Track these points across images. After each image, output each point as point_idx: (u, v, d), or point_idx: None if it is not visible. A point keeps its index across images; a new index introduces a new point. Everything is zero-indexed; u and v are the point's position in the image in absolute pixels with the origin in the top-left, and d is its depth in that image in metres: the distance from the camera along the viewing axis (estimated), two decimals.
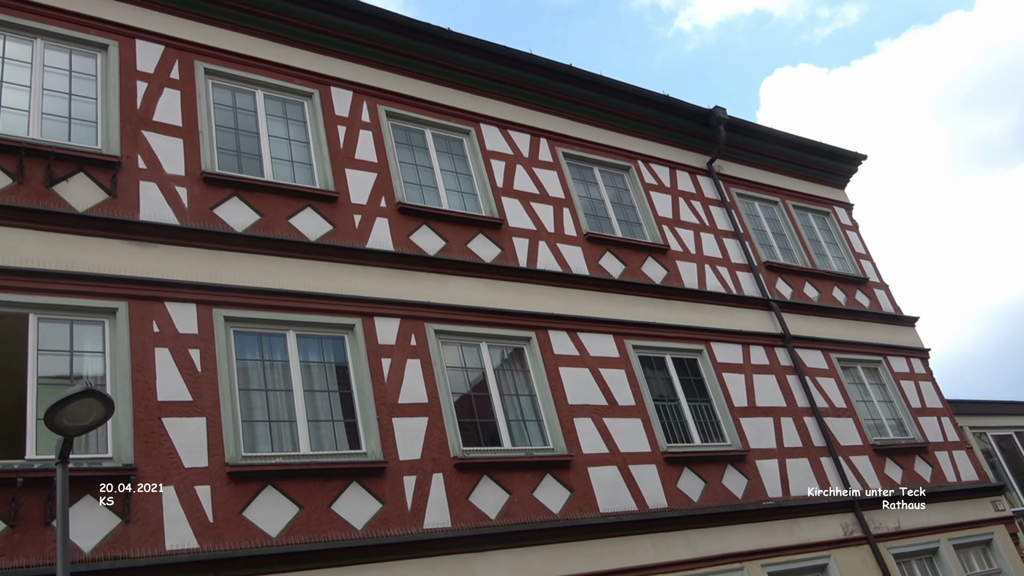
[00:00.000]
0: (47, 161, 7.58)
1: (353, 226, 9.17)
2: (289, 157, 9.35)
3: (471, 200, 10.53)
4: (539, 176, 11.37)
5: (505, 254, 10.21)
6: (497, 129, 11.40)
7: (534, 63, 11.93)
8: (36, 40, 8.36)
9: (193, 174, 8.41)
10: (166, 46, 9.08)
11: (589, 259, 11.01)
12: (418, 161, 10.41)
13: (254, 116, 9.37)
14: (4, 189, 7.31)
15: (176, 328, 7.44)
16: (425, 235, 9.67)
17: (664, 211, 12.59)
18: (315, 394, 7.99)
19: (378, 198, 9.58)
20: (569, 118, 12.39)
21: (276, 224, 8.65)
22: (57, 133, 7.96)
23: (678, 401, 10.59)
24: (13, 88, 8.00)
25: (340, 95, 10.13)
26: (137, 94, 8.56)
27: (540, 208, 11.02)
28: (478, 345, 9.33)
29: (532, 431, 9.14)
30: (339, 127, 9.84)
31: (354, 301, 8.60)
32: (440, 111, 10.96)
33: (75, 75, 8.44)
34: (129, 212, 7.81)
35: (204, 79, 9.15)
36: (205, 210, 8.28)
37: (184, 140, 8.56)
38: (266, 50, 9.82)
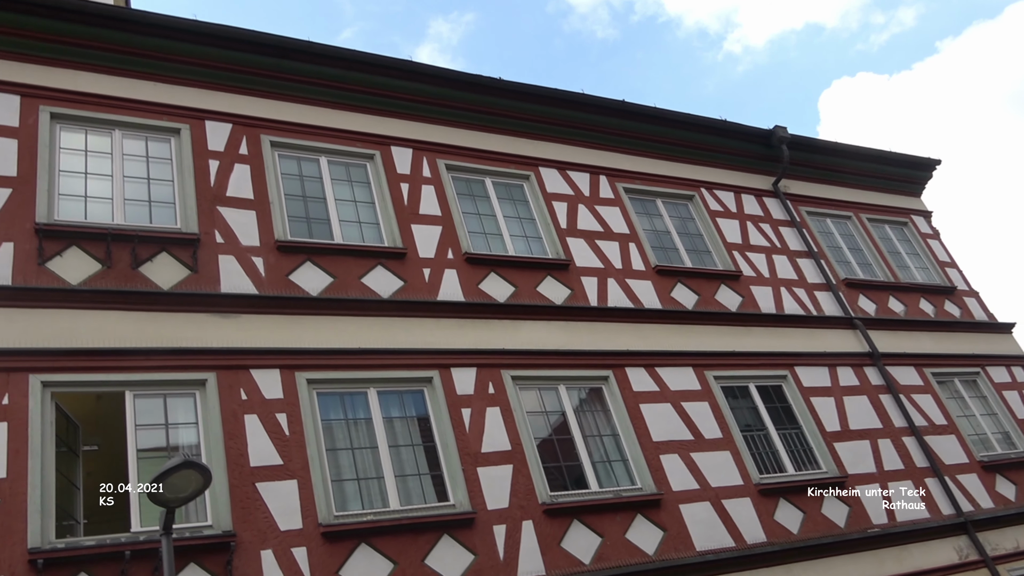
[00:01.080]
0: (132, 244, 7.96)
1: (423, 280, 9.32)
2: (356, 218, 9.59)
3: (536, 244, 10.60)
4: (602, 214, 11.39)
5: (575, 295, 10.21)
6: (556, 171, 11.49)
7: (587, 102, 12.03)
8: (114, 131, 8.84)
9: (267, 243, 8.70)
10: (233, 124, 9.49)
11: (660, 292, 10.92)
12: (481, 210, 10.56)
13: (320, 182, 9.67)
14: (94, 274, 7.70)
15: (263, 394, 7.65)
16: (494, 282, 9.76)
17: (733, 237, 12.42)
18: (400, 449, 8.07)
19: (445, 250, 9.73)
20: (627, 153, 12.41)
21: (349, 285, 8.86)
22: (139, 217, 8.36)
23: (766, 430, 10.32)
24: (96, 178, 8.46)
25: (400, 153, 10.38)
26: (210, 172, 8.94)
27: (606, 245, 11.01)
28: (556, 388, 9.31)
29: (619, 471, 9.02)
30: (402, 184, 10.07)
31: (430, 354, 8.71)
32: (498, 159, 11.12)
33: (152, 160, 8.88)
34: (211, 285, 8.11)
35: (271, 151, 9.51)
36: (281, 277, 8.54)
37: (257, 212, 8.89)
38: (327, 118, 10.17)
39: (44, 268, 7.55)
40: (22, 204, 7.81)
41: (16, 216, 7.72)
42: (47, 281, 7.48)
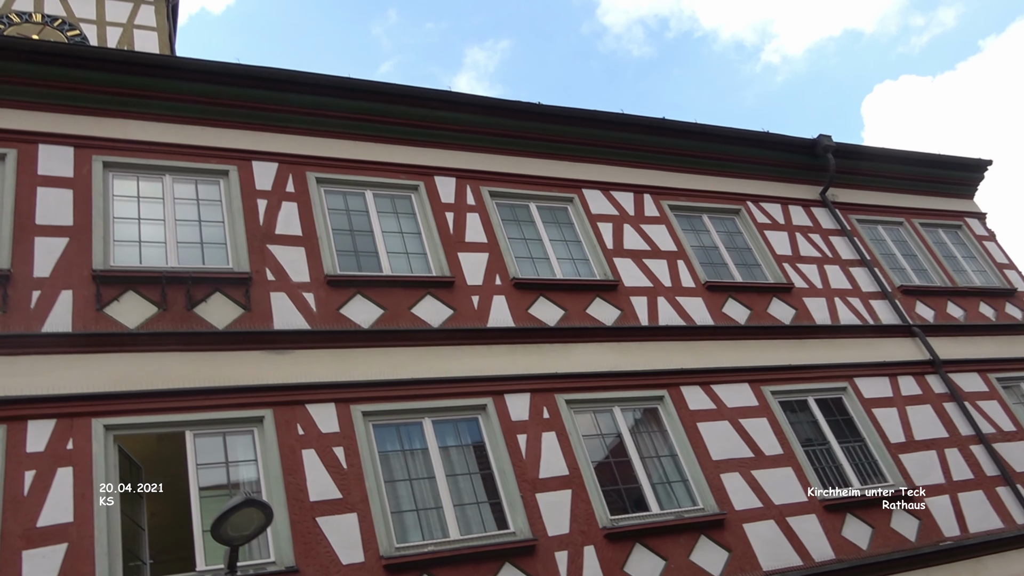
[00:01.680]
0: (186, 286, 8.11)
1: (472, 308, 9.32)
2: (404, 249, 9.66)
3: (584, 266, 10.55)
4: (648, 232, 11.31)
5: (625, 315, 10.12)
6: (599, 192, 11.46)
7: (627, 122, 12.00)
8: (165, 176, 9.05)
9: (317, 279, 8.79)
10: (279, 163, 9.65)
11: (711, 308, 10.77)
12: (526, 235, 10.56)
13: (366, 215, 9.77)
14: (151, 317, 7.85)
15: (319, 428, 7.69)
16: (543, 306, 9.72)
17: (782, 249, 12.23)
18: (457, 478, 8.03)
19: (493, 277, 9.73)
20: (670, 170, 12.33)
21: (399, 316, 8.90)
22: (192, 259, 8.51)
23: (828, 444, 10.07)
24: (149, 223, 8.65)
25: (444, 183, 10.44)
26: (259, 211, 9.09)
27: (654, 264, 10.91)
28: (611, 410, 9.20)
29: (679, 492, 8.86)
30: (447, 213, 10.12)
31: (483, 381, 8.69)
32: (541, 183, 11.13)
33: (202, 202, 9.05)
34: (264, 323, 8.21)
35: (317, 188, 9.64)
36: (332, 311, 8.61)
37: (306, 248, 8.99)
38: (370, 151, 10.29)
39: (103, 313, 7.71)
40: (79, 252, 8.01)
41: (74, 264, 7.91)
42: (106, 326, 7.64)
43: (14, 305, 7.46)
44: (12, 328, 7.32)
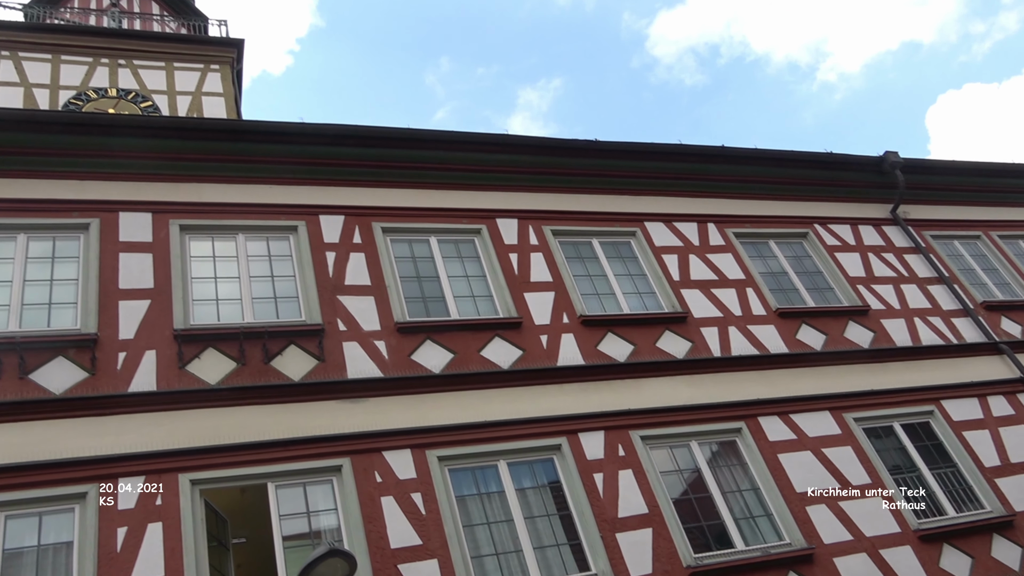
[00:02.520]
0: (262, 340, 8.33)
1: (541, 347, 9.33)
2: (470, 292, 9.75)
3: (650, 299, 10.47)
4: (714, 261, 11.18)
5: (696, 347, 9.99)
6: (662, 224, 11.40)
7: (686, 152, 11.96)
8: (238, 235, 9.36)
9: (388, 327, 8.93)
10: (346, 215, 9.89)
11: (785, 335, 10.54)
12: (591, 271, 10.55)
13: (432, 261, 9.91)
14: (231, 372, 8.08)
15: (396, 475, 7.75)
16: (612, 342, 9.67)
17: (855, 271, 11.94)
18: (535, 520, 7.98)
19: (560, 315, 9.73)
20: (733, 197, 12.21)
21: (469, 359, 8.96)
22: (267, 313, 8.75)
23: (918, 471, 9.68)
24: (225, 281, 8.94)
25: (506, 224, 10.54)
26: (328, 264, 9.31)
27: (722, 293, 10.77)
28: (687, 444, 9.05)
29: (764, 527, 8.62)
30: (511, 255, 10.20)
31: (556, 420, 8.65)
32: (603, 219, 11.14)
33: (274, 258, 9.32)
34: (338, 373, 8.37)
35: (383, 237, 9.84)
36: (404, 358, 8.73)
37: (375, 297, 9.16)
38: (432, 198, 10.47)
39: (185, 371, 7.97)
40: (161, 313, 8.32)
41: (156, 325, 8.22)
42: (188, 383, 7.89)
43: (102, 367, 7.77)
44: (101, 389, 7.62)
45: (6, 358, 7.57)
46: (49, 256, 8.61)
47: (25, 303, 8.14)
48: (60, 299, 8.29)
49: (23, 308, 8.09)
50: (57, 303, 8.26)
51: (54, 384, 7.57)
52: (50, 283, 8.39)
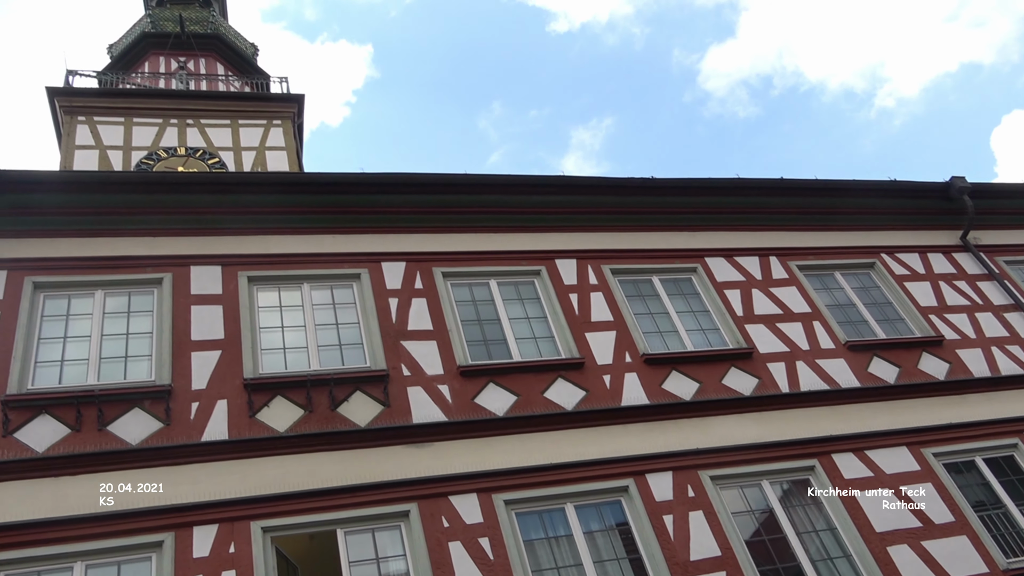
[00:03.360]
0: (329, 387, 8.46)
1: (604, 387, 9.26)
2: (531, 334, 9.76)
3: (714, 335, 10.33)
4: (778, 295, 10.99)
5: (764, 383, 9.79)
6: (723, 259, 11.28)
7: (745, 186, 11.85)
8: (303, 284, 9.57)
9: (450, 370, 8.99)
10: (407, 261, 10.04)
11: (856, 369, 10.27)
12: (652, 309, 10.47)
13: (492, 304, 9.97)
14: (299, 420, 8.21)
15: (463, 520, 7.73)
16: (677, 381, 9.55)
17: (926, 300, 11.60)
18: (605, 564, 7.85)
19: (622, 354, 9.67)
20: (795, 230, 12.02)
21: (533, 401, 8.94)
22: (332, 360, 8.90)
23: (1004, 507, 9.26)
24: (292, 330, 9.13)
25: (565, 265, 10.57)
26: (391, 310, 9.45)
27: (788, 328, 10.56)
28: (759, 483, 8.83)
29: (843, 569, 8.31)
30: (571, 295, 10.20)
31: (622, 462, 8.55)
32: (662, 256, 11.08)
33: (338, 306, 9.50)
34: (403, 418, 8.43)
35: (443, 281, 9.95)
36: (467, 401, 8.76)
37: (437, 341, 9.24)
38: (491, 242, 10.57)
39: (255, 419, 8.14)
40: (231, 363, 8.52)
41: (227, 375, 8.42)
42: (259, 431, 8.05)
43: (176, 417, 7.99)
44: (175, 439, 7.82)
45: (85, 411, 7.84)
46: (125, 311, 8.92)
47: (103, 357, 8.44)
48: (136, 352, 8.57)
49: (101, 362, 8.38)
50: (133, 356, 8.54)
51: (131, 435, 7.80)
52: (126, 336, 8.69)
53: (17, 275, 8.78)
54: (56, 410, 7.80)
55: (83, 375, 8.22)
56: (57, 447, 7.57)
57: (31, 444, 7.55)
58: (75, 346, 8.50)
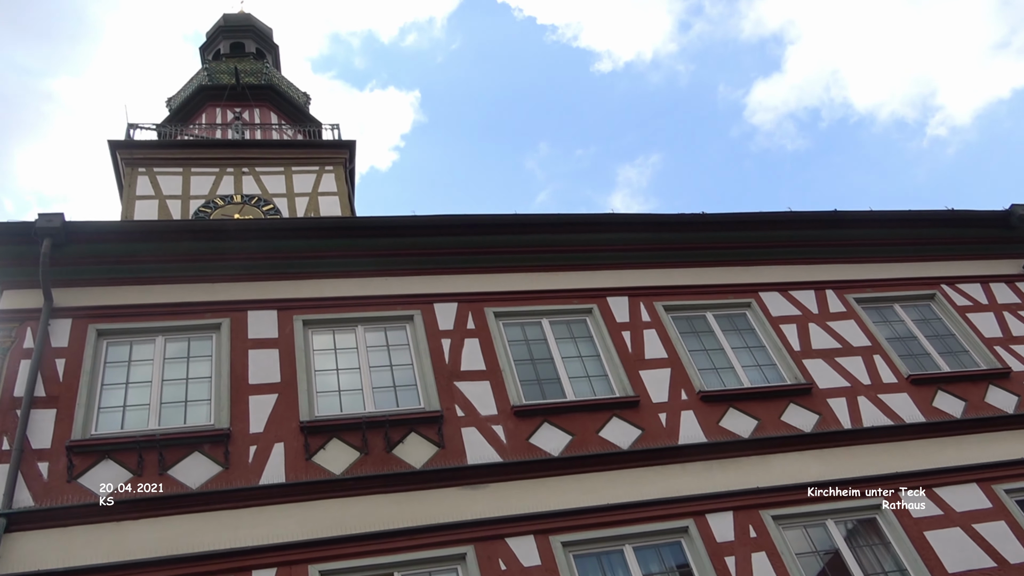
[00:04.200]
0: (384, 429, 8.49)
1: (661, 426, 9.13)
2: (585, 373, 9.69)
3: (772, 371, 10.14)
4: (836, 329, 10.76)
5: (824, 419, 9.55)
6: (778, 293, 11.11)
7: (797, 219, 11.69)
8: (357, 327, 9.67)
9: (504, 411, 8.96)
10: (459, 302, 10.09)
11: (920, 403, 9.97)
12: (707, 345, 10.33)
13: (545, 343, 9.94)
14: (355, 462, 8.24)
15: (521, 563, 7.64)
16: (734, 418, 9.37)
17: (990, 331, 11.24)
18: None
19: (678, 392, 9.54)
20: (850, 262, 11.81)
21: (588, 440, 8.85)
22: (387, 402, 8.94)
23: None
24: (346, 372, 9.21)
25: (617, 302, 10.51)
26: (444, 350, 9.48)
27: (848, 362, 10.32)
28: (823, 523, 8.57)
29: None
30: (623, 332, 10.12)
31: (681, 502, 8.39)
32: (716, 291, 10.96)
33: (392, 347, 9.56)
34: (458, 459, 8.41)
35: (495, 322, 9.96)
36: (522, 442, 8.70)
37: (491, 381, 9.23)
38: (542, 281, 10.57)
39: (311, 462, 8.19)
40: (287, 406, 8.62)
41: (283, 418, 8.51)
42: (315, 474, 8.09)
43: (235, 460, 8.08)
44: (234, 483, 7.90)
45: (147, 455, 7.97)
46: (185, 356, 9.10)
47: (164, 401, 8.59)
48: (195, 396, 8.72)
49: (162, 406, 8.54)
50: (193, 400, 8.69)
51: (191, 479, 7.90)
52: (186, 381, 8.85)
53: (81, 323, 9.03)
54: (119, 455, 7.95)
55: (144, 420, 8.37)
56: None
57: (94, 489, 7.69)
58: (137, 391, 8.68)
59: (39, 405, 8.22)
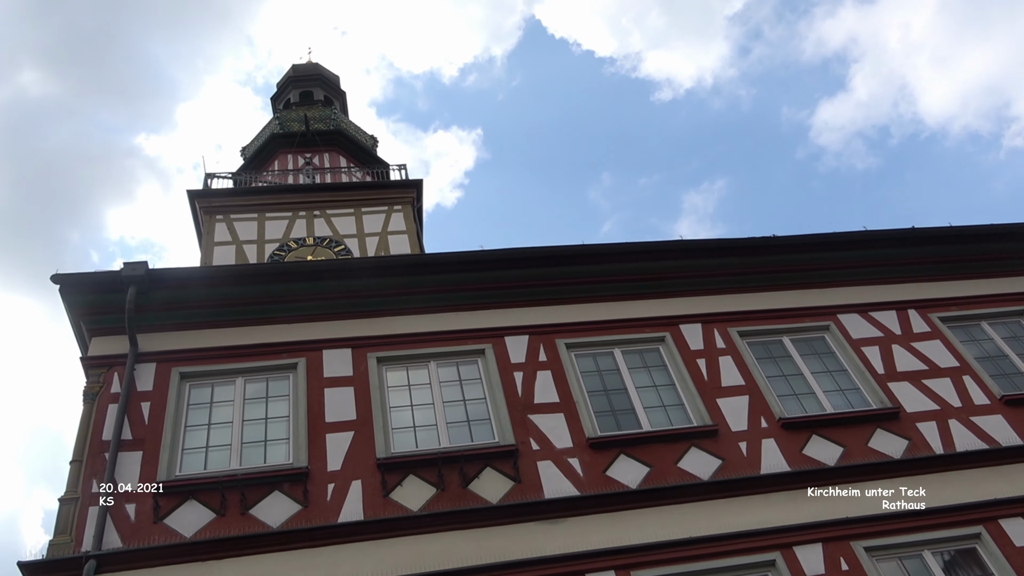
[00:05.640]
0: (459, 465, 8.47)
1: (741, 455, 8.89)
2: (660, 402, 9.52)
3: (855, 396, 9.79)
4: (920, 350, 10.35)
5: (915, 444, 9.16)
6: (857, 315, 10.76)
7: (876, 238, 11.34)
8: (430, 363, 9.71)
9: (580, 443, 8.85)
10: (529, 335, 10.05)
11: (1016, 425, 9.47)
12: (785, 371, 10.05)
13: (618, 374, 9.81)
14: (431, 498, 8.24)
15: None
16: (818, 445, 9.06)
17: None
18: None
19: (757, 420, 9.28)
20: (932, 280, 11.37)
21: (666, 472, 8.66)
22: (461, 437, 8.92)
23: None
24: (421, 408, 9.24)
25: (690, 330, 10.32)
26: (516, 383, 9.44)
27: (936, 384, 9.90)
28: (919, 554, 8.18)
29: None
30: (698, 360, 9.93)
31: (766, 534, 8.11)
32: (792, 315, 10.67)
33: (464, 382, 9.57)
34: (534, 493, 8.32)
35: (567, 353, 9.89)
36: (598, 474, 8.57)
37: (565, 413, 9.15)
38: (612, 311, 10.47)
39: (389, 499, 8.21)
40: (363, 443, 8.68)
41: (360, 455, 8.57)
42: (393, 511, 8.11)
43: (313, 499, 8.16)
44: (313, 521, 7.97)
45: (229, 495, 8.11)
46: (263, 396, 9.28)
47: (244, 441, 8.75)
48: (274, 436, 8.86)
49: (243, 446, 8.69)
50: (272, 439, 8.82)
51: (272, 518, 8.01)
52: (265, 421, 9.01)
53: (165, 367, 9.30)
54: (202, 495, 8.11)
55: (226, 460, 8.53)
56: (204, 531, 7.84)
57: (179, 529, 7.86)
58: (218, 432, 8.86)
59: (126, 448, 8.46)
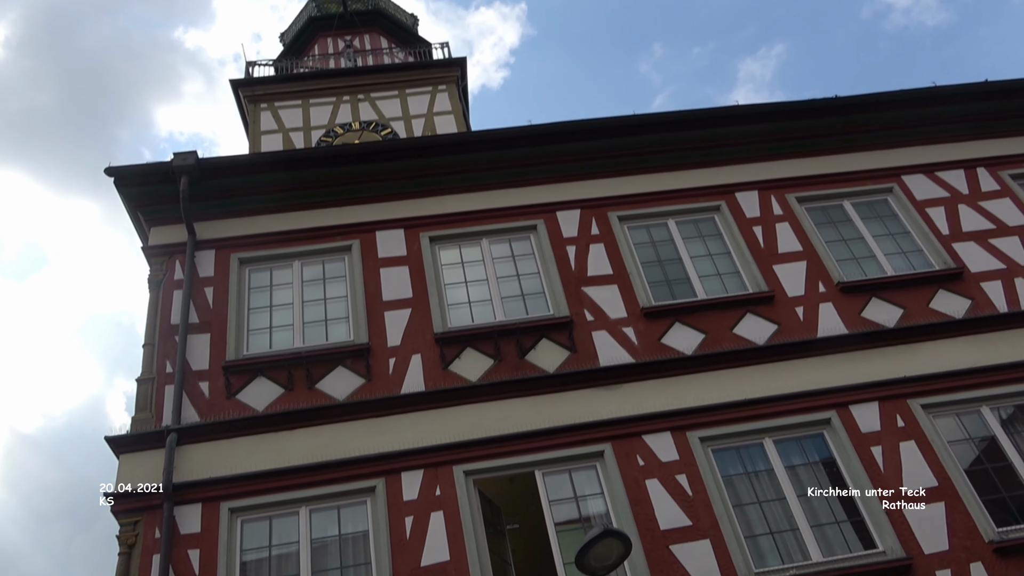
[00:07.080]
0: (516, 337, 8.63)
1: (798, 319, 8.86)
2: (715, 271, 9.47)
3: (917, 257, 9.59)
4: (989, 209, 10.02)
5: (977, 304, 9.00)
6: (922, 175, 10.41)
7: (944, 94, 10.80)
8: (482, 240, 9.76)
9: (634, 313, 8.90)
10: (581, 209, 9.99)
11: None
12: (845, 235, 9.86)
13: (672, 244, 9.74)
14: (489, 369, 8.46)
15: (658, 458, 7.71)
16: (877, 307, 8.97)
17: None
18: (810, 498, 7.57)
19: (815, 285, 9.19)
20: (1003, 136, 10.86)
21: (722, 338, 8.70)
22: (516, 311, 9.05)
23: None
24: (475, 284, 9.35)
25: (746, 197, 10.14)
26: (569, 257, 9.46)
27: (1003, 243, 9.62)
28: (977, 410, 8.18)
29: None
30: (754, 228, 9.79)
31: (822, 394, 8.18)
32: (852, 179, 10.37)
33: (518, 258, 9.62)
34: (590, 362, 8.47)
35: (620, 225, 9.83)
36: (654, 342, 8.66)
37: (619, 285, 9.18)
38: (665, 181, 10.30)
39: (448, 371, 8.45)
40: (421, 320, 8.87)
41: (418, 331, 8.78)
42: (452, 382, 8.36)
43: (376, 373, 8.43)
44: (377, 393, 8.27)
45: (296, 372, 8.43)
46: (320, 278, 9.48)
47: (306, 321, 9.02)
48: (334, 315, 9.10)
49: (304, 326, 8.97)
50: (332, 319, 9.07)
51: (337, 391, 8.33)
52: (324, 301, 9.24)
53: (224, 253, 9.53)
54: (270, 372, 8.45)
55: (290, 339, 8.83)
56: (274, 405, 8.22)
57: (252, 404, 8.24)
58: (280, 313, 9.14)
59: (194, 331, 8.79)
